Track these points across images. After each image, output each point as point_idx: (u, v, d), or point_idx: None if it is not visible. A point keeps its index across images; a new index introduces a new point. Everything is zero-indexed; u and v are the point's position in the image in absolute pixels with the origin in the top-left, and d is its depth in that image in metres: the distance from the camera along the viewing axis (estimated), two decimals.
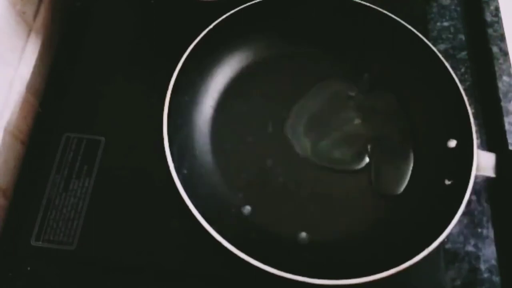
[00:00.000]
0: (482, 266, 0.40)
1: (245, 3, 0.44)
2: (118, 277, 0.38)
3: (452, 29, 0.50)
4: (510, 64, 0.47)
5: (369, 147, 0.44)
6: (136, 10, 0.50)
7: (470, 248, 0.41)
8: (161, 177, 0.38)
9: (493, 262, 0.41)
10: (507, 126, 0.44)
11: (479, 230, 0.42)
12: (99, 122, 0.43)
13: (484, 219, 0.42)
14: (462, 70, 0.48)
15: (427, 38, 0.43)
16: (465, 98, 0.40)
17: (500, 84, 0.46)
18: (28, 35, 0.45)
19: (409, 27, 0.43)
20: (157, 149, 0.37)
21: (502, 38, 0.48)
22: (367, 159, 0.43)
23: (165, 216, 0.40)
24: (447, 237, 0.37)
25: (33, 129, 0.45)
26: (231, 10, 0.43)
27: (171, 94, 0.39)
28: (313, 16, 0.46)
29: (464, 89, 0.41)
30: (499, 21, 0.49)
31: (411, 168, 0.43)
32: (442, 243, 0.38)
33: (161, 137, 0.38)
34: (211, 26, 0.42)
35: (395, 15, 0.44)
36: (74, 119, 0.43)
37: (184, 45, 0.41)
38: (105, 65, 0.46)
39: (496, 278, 0.40)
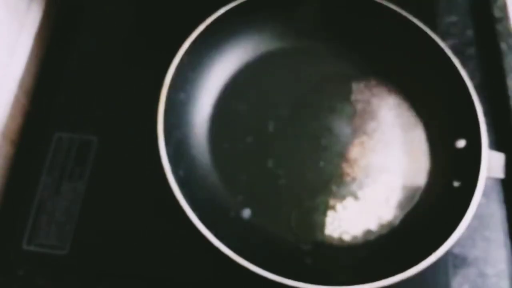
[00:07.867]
0: (490, 271, 0.40)
1: None
2: (111, 283, 0.38)
3: (460, 25, 0.50)
4: None
5: None
6: (130, 4, 0.49)
7: (478, 252, 0.41)
8: (157, 179, 0.37)
9: (502, 266, 0.40)
10: None
11: (488, 233, 0.41)
12: (91, 122, 0.43)
13: (493, 222, 0.42)
14: (471, 67, 0.48)
15: (435, 34, 0.42)
16: (475, 97, 0.40)
17: (509, 82, 0.46)
18: (20, 32, 0.45)
19: (417, 22, 0.43)
20: (152, 149, 0.37)
21: (510, 34, 0.48)
22: None
23: (161, 220, 0.39)
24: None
25: (24, 129, 0.45)
26: (233, 2, 0.42)
27: (167, 91, 0.39)
28: (317, 11, 0.45)
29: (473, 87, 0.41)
30: (507, 17, 0.49)
31: None
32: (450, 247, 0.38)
33: (156, 137, 0.37)
34: (210, 20, 0.41)
35: (402, 9, 0.43)
36: (66, 118, 0.43)
37: (180, 40, 0.41)
38: (98, 62, 0.46)
39: (504, 283, 0.40)
